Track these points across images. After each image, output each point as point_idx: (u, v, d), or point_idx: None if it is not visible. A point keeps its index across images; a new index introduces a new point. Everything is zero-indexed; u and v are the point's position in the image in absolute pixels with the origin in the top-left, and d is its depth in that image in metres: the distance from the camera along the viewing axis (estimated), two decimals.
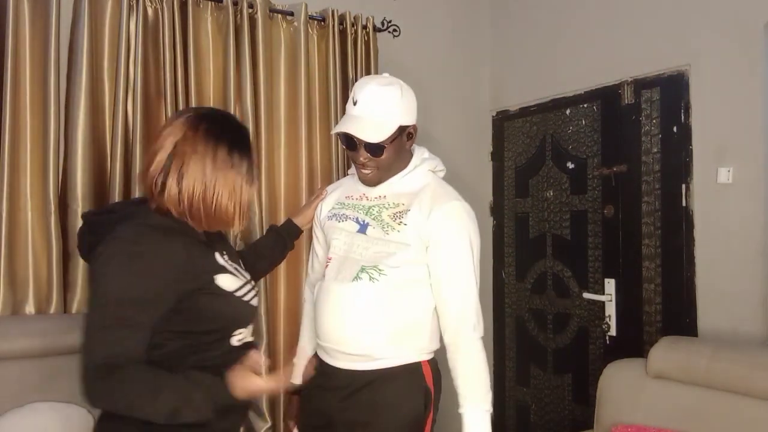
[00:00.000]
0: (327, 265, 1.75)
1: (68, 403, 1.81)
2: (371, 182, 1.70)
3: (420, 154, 1.77)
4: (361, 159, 1.66)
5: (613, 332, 2.62)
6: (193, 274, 1.29)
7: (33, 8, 2.14)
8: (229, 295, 1.35)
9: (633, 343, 2.52)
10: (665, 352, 2.04)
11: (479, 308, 1.67)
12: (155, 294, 1.23)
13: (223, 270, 1.36)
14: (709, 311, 2.31)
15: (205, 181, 1.29)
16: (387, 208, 1.68)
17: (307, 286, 1.96)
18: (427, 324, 1.68)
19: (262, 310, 2.43)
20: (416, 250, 1.63)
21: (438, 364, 1.73)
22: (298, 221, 1.93)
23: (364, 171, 1.68)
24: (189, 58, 2.38)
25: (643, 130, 2.53)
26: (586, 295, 2.74)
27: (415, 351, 1.67)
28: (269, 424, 2.47)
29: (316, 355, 1.79)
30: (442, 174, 1.81)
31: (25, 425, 1.77)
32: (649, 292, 2.51)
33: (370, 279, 1.63)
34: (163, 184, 1.29)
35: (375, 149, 1.63)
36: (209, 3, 2.46)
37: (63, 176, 2.19)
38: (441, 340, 1.70)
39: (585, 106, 2.79)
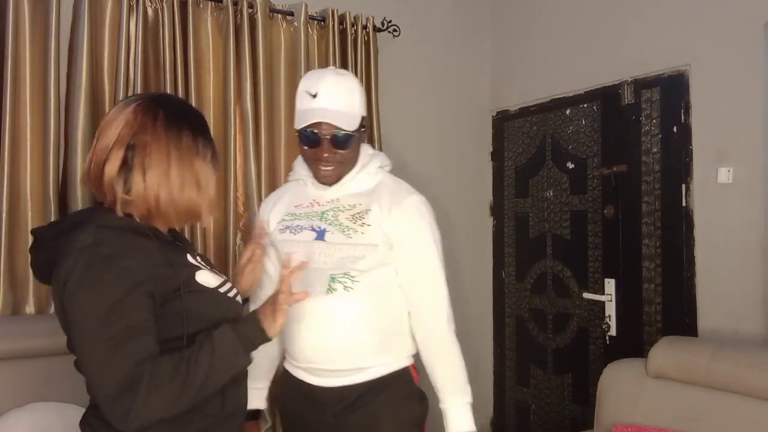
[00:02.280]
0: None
1: (68, 403, 1.81)
2: (331, 180, 1.60)
3: (366, 150, 1.67)
4: (325, 154, 1.55)
5: (613, 332, 2.62)
6: (171, 270, 1.18)
7: (33, 8, 2.14)
8: (212, 292, 1.25)
9: (633, 343, 2.52)
10: (665, 352, 2.04)
11: (449, 302, 1.63)
12: (141, 289, 1.11)
13: (199, 268, 1.27)
14: (709, 311, 2.31)
15: (171, 173, 1.18)
16: (343, 211, 1.60)
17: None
18: (406, 324, 1.64)
19: None
20: (382, 250, 1.57)
21: (420, 364, 1.70)
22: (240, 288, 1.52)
23: (325, 168, 1.57)
24: (189, 58, 2.38)
25: (643, 130, 2.53)
26: (586, 295, 2.74)
27: (401, 356, 1.63)
28: (269, 424, 2.47)
29: (285, 372, 1.69)
30: (388, 169, 1.72)
31: (25, 425, 1.77)
32: (649, 292, 2.51)
33: (344, 288, 1.55)
34: (126, 181, 1.16)
35: (341, 142, 1.54)
36: (209, 3, 2.46)
37: (63, 176, 2.19)
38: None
39: (585, 106, 2.79)
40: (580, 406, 2.75)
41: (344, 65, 2.74)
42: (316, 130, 1.53)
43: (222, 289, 1.29)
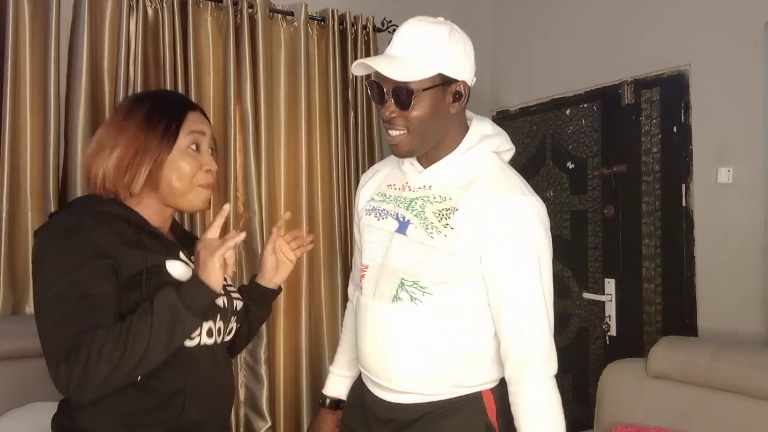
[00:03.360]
0: (363, 275, 1.41)
1: None
2: (401, 150, 1.31)
3: (479, 128, 1.36)
4: (387, 113, 1.28)
5: (613, 332, 2.62)
6: (139, 252, 1.14)
7: (33, 8, 2.14)
8: (176, 283, 1.16)
9: (633, 343, 2.52)
10: (665, 352, 2.04)
11: (551, 338, 1.32)
12: (101, 261, 1.10)
13: (180, 259, 1.22)
14: (709, 311, 2.31)
15: (107, 144, 1.20)
16: (432, 203, 1.31)
17: (352, 284, 1.60)
18: (487, 355, 1.33)
19: None
20: (468, 262, 1.26)
21: (504, 391, 1.37)
22: (263, 279, 1.48)
23: (392, 133, 1.30)
24: (189, 58, 2.38)
25: (643, 130, 2.53)
26: (586, 295, 2.74)
27: (475, 383, 1.34)
28: (269, 424, 2.48)
29: (359, 380, 1.48)
30: (509, 155, 1.40)
31: (25, 425, 1.76)
32: (649, 292, 2.51)
33: (411, 300, 1.29)
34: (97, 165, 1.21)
35: (403, 98, 1.25)
36: (209, 3, 2.46)
37: (63, 176, 2.19)
38: None
39: (585, 106, 2.79)
40: (580, 406, 2.75)
41: (344, 65, 2.74)
42: (381, 82, 1.27)
43: None
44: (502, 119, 3.27)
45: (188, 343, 1.18)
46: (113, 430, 1.13)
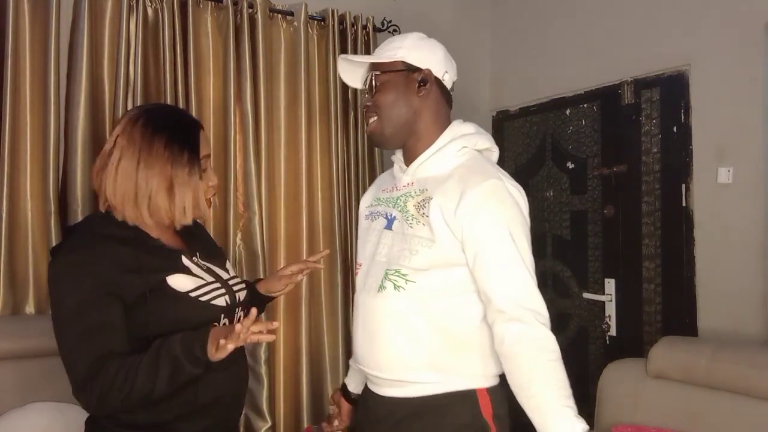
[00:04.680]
0: (357, 272, 1.49)
1: (68, 403, 1.81)
2: (375, 137, 1.43)
3: (457, 128, 1.43)
4: (363, 103, 1.44)
5: (613, 332, 2.62)
6: (139, 277, 1.23)
7: (33, 8, 2.14)
8: (180, 296, 1.27)
9: (633, 343, 2.52)
10: (665, 352, 2.04)
11: (541, 299, 1.30)
12: (104, 291, 1.20)
13: (181, 270, 1.30)
14: (709, 311, 2.31)
15: (138, 176, 1.25)
16: (413, 197, 1.38)
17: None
18: (474, 342, 1.34)
19: None
20: (447, 250, 1.30)
21: (504, 393, 1.37)
22: (263, 287, 1.65)
23: (368, 122, 1.43)
24: (189, 58, 2.38)
25: (643, 130, 2.53)
26: (586, 295, 2.74)
27: (466, 375, 1.34)
28: (269, 424, 2.48)
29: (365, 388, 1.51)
30: (493, 155, 1.47)
31: (25, 425, 1.77)
32: (649, 292, 2.51)
33: (394, 287, 1.33)
34: (103, 182, 1.28)
35: (372, 85, 1.41)
36: (209, 3, 2.46)
37: (63, 176, 2.19)
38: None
39: (585, 106, 2.79)
40: (580, 406, 2.74)
41: None
42: (368, 79, 1.43)
43: (196, 293, 1.30)
44: (502, 119, 3.27)
45: None
46: (143, 414, 1.24)
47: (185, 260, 1.33)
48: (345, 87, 2.74)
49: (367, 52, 2.80)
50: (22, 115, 2.12)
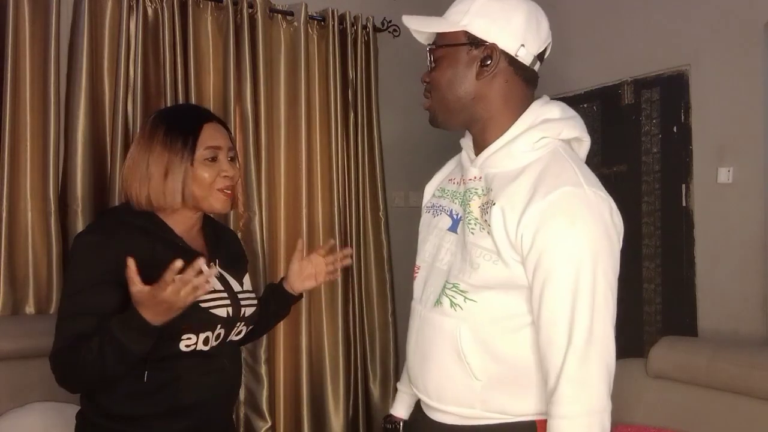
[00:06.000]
0: (414, 277, 1.28)
1: (68, 403, 1.81)
2: (432, 119, 1.22)
3: (538, 111, 1.15)
4: (423, 78, 1.22)
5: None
6: (150, 265, 1.20)
7: (33, 8, 2.14)
8: None
9: (633, 343, 2.52)
10: (665, 352, 2.04)
11: (607, 370, 1.03)
12: (108, 277, 1.22)
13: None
14: (709, 311, 2.30)
15: (141, 161, 1.32)
16: (479, 196, 1.14)
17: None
18: (534, 380, 1.11)
19: None
20: (512, 267, 1.07)
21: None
22: (287, 283, 1.59)
23: (424, 101, 1.22)
24: (189, 58, 2.38)
25: (643, 130, 2.53)
26: None
27: (526, 406, 1.12)
28: (269, 424, 2.47)
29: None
30: (583, 148, 1.19)
31: (25, 425, 1.77)
32: (649, 292, 2.51)
33: (451, 305, 1.12)
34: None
35: (430, 59, 1.18)
36: (209, 3, 2.46)
37: (63, 176, 2.19)
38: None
39: (585, 106, 2.79)
40: None
41: (344, 65, 2.74)
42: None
43: (199, 297, 1.27)
44: None
45: (183, 348, 1.29)
46: (122, 405, 1.29)
47: (201, 263, 1.29)
48: (345, 87, 2.75)
49: (367, 53, 2.80)
50: (22, 115, 2.11)
